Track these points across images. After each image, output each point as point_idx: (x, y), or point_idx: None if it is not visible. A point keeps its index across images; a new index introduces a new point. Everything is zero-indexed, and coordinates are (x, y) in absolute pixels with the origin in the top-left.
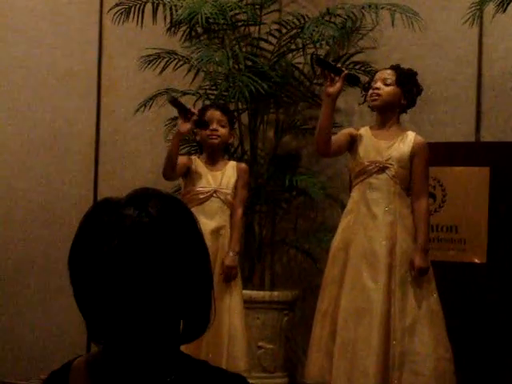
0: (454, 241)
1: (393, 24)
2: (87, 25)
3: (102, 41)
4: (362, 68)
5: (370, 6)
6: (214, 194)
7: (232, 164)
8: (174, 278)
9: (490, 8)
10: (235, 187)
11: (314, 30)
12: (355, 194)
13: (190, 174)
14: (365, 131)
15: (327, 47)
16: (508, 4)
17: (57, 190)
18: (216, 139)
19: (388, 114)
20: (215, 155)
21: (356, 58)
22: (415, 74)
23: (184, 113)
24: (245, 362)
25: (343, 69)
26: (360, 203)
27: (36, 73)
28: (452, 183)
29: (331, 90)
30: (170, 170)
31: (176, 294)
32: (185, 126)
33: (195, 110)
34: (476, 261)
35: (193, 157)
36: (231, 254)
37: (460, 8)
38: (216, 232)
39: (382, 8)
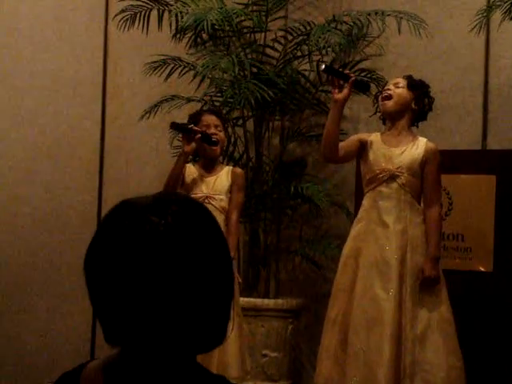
0: (460, 249)
1: (399, 31)
2: (92, 31)
3: (107, 47)
4: (369, 75)
5: (376, 13)
6: (206, 200)
7: (227, 169)
8: (195, 285)
9: (496, 16)
10: (230, 192)
11: (319, 37)
12: (366, 201)
13: (184, 182)
14: (375, 137)
15: (333, 54)
16: None
17: (61, 197)
18: (216, 144)
19: (399, 120)
20: (213, 161)
21: (362, 65)
22: (427, 85)
23: (187, 133)
24: (236, 370)
25: (351, 75)
26: (371, 211)
27: (41, 79)
28: (458, 191)
29: (339, 96)
30: (170, 188)
31: (196, 300)
32: (189, 146)
33: (198, 128)
34: (482, 269)
35: (187, 164)
36: None
37: (467, 16)
38: None
39: (389, 15)
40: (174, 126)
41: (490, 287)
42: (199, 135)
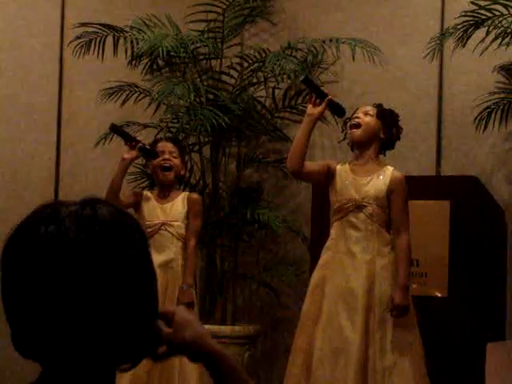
0: (415, 274)
1: (353, 58)
2: (48, 57)
3: (63, 73)
4: None
5: (330, 41)
6: (163, 227)
7: (183, 195)
8: (113, 283)
9: (449, 43)
10: (187, 218)
11: (275, 64)
12: (334, 231)
13: (140, 209)
14: (343, 166)
15: (288, 81)
16: (467, 39)
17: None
18: (169, 170)
19: (366, 149)
20: (168, 187)
21: None
22: (397, 115)
23: (127, 140)
24: None
25: (328, 94)
26: (338, 241)
27: None
28: (413, 217)
29: (313, 111)
30: (110, 198)
31: (109, 313)
32: (129, 154)
33: (140, 140)
34: (437, 294)
35: (144, 191)
36: (185, 287)
37: (420, 43)
38: (165, 265)
39: (343, 42)
40: (114, 129)
41: (445, 312)
42: (140, 144)
